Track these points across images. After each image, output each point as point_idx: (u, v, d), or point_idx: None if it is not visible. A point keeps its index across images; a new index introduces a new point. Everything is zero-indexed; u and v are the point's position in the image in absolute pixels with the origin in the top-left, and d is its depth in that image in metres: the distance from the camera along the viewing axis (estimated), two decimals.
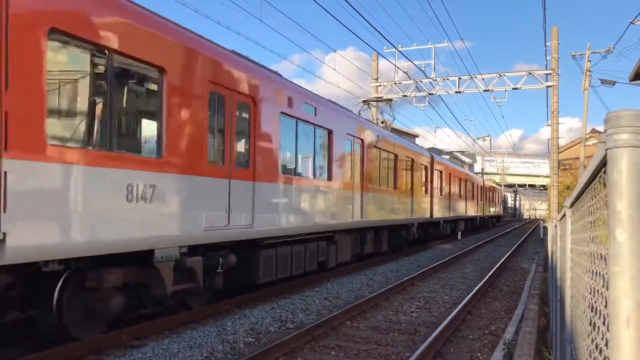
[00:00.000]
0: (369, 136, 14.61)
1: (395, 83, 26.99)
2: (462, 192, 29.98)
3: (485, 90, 25.51)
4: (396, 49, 24.86)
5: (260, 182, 8.75)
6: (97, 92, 6.02)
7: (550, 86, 24.61)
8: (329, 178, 11.93)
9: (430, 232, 23.71)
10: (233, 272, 8.70)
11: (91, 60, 5.97)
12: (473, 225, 36.77)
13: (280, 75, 10.25)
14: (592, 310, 1.75)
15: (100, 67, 6.05)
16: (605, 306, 1.37)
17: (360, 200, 13.76)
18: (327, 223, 11.69)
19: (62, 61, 5.86)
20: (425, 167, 21.76)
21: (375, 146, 15.14)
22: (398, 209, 17.51)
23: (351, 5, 12.36)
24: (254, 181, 8.62)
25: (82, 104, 6.02)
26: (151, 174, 6.43)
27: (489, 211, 44.17)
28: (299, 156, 10.78)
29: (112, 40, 5.95)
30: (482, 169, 76.38)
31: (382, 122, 26.22)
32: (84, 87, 6.03)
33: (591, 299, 1.80)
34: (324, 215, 11.57)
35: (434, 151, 28.16)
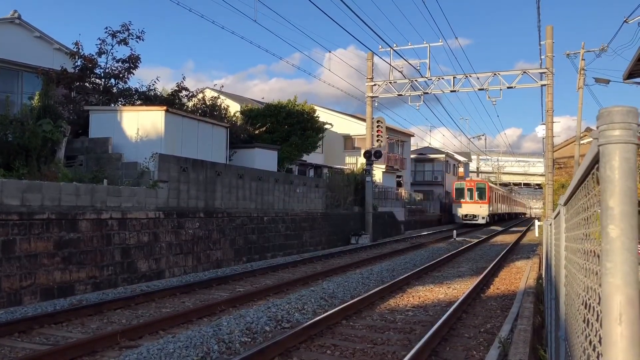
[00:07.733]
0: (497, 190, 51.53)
1: (390, 82, 26.97)
2: (515, 204, 70.17)
3: (480, 89, 25.50)
4: (391, 48, 24.85)
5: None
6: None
7: (544, 85, 24.62)
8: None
9: (505, 217, 59.24)
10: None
11: None
12: (514, 216, 73.71)
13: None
14: (585, 308, 1.75)
15: None
16: (599, 303, 1.37)
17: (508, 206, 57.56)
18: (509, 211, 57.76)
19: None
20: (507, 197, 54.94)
21: (501, 193, 54.01)
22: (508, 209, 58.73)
23: (346, 5, 12.36)
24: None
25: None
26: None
27: (520, 210, 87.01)
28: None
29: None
30: (477, 168, 76.61)
31: (378, 122, 26.24)
32: None
33: (585, 296, 1.80)
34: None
35: (429, 150, 32.68)
